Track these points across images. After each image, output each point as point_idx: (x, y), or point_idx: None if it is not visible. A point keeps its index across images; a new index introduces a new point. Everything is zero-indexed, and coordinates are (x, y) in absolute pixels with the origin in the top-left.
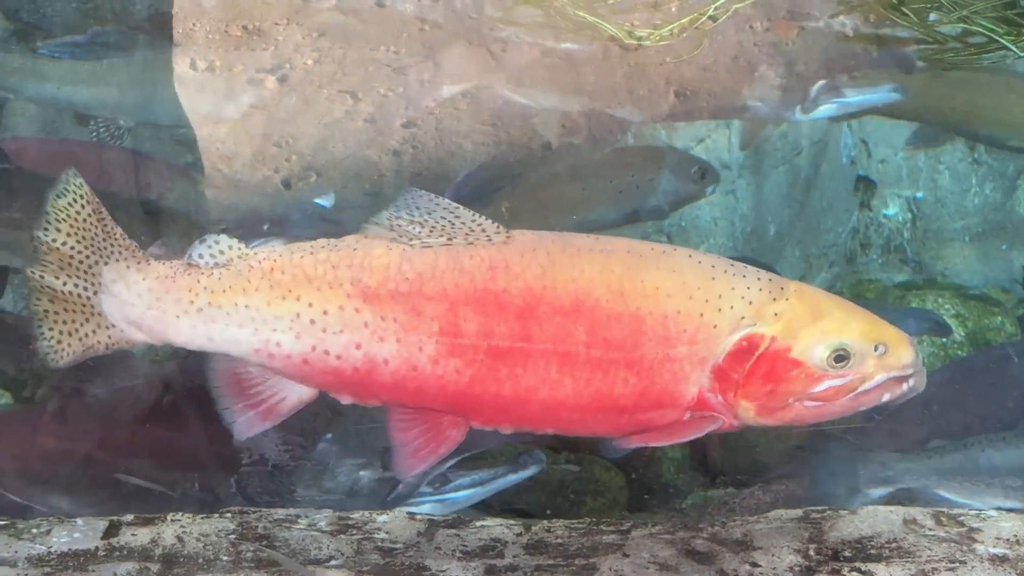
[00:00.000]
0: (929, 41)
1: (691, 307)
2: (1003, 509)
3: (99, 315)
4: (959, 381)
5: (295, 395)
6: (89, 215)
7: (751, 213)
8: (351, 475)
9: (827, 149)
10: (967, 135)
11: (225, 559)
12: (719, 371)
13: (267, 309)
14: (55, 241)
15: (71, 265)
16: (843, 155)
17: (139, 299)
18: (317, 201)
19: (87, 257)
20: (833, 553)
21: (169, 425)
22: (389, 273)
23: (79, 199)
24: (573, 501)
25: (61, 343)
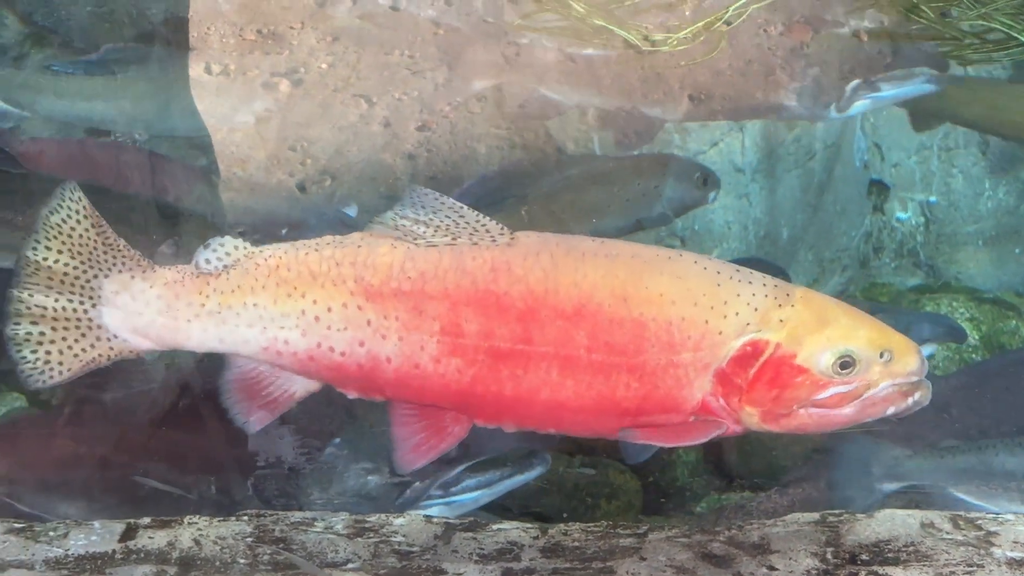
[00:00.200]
0: (947, 37)
1: (696, 313)
2: (1021, 513)
3: (98, 328)
4: (976, 385)
5: (301, 388)
6: (86, 230)
7: (764, 217)
8: (359, 480)
9: (840, 153)
10: None
11: (242, 562)
12: (723, 376)
13: (274, 307)
14: (45, 260)
15: (64, 282)
16: (856, 159)
17: (147, 307)
18: (343, 209)
19: (84, 272)
20: (850, 556)
21: (185, 428)
22: (392, 272)
23: (75, 214)
24: (588, 504)
25: (49, 363)
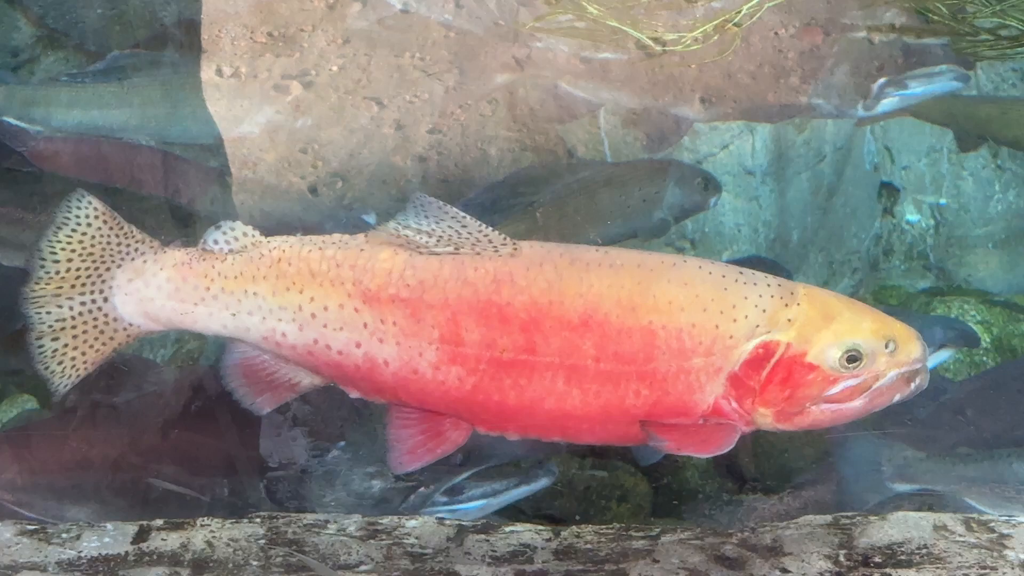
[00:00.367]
0: (962, 33)
1: (705, 319)
2: None
3: (113, 320)
4: (992, 390)
5: (307, 378)
6: (98, 229)
7: (774, 219)
8: (363, 484)
9: (850, 155)
10: None
11: (255, 564)
12: (736, 380)
13: (272, 299)
14: (57, 273)
15: (74, 286)
16: (866, 161)
17: (159, 291)
18: (362, 216)
19: (95, 269)
20: (863, 559)
21: (198, 429)
22: (391, 278)
23: (84, 219)
24: (599, 507)
25: (74, 365)
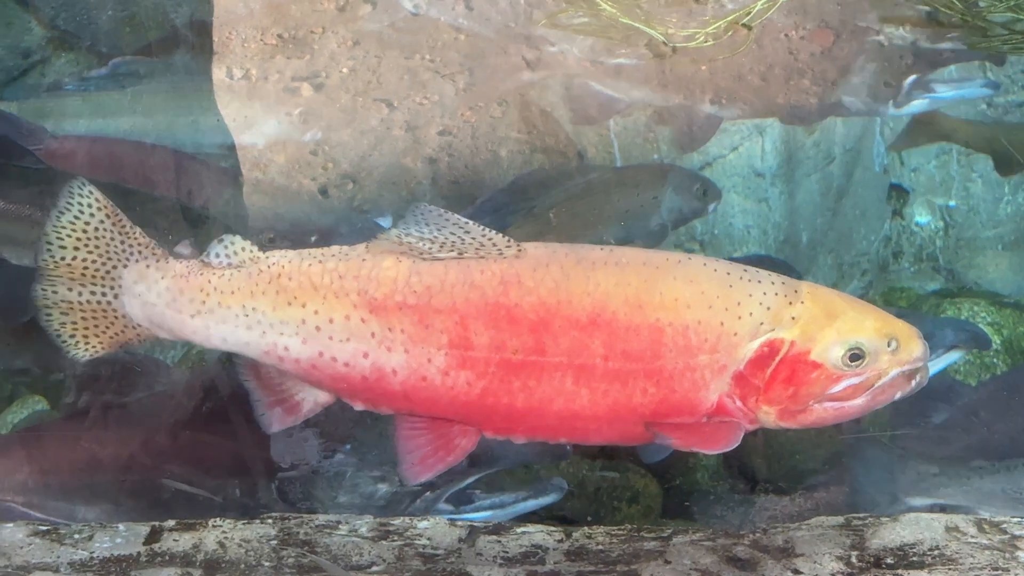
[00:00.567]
0: (977, 27)
1: (711, 316)
2: None
3: (123, 317)
4: (1008, 392)
5: (311, 398)
6: (101, 222)
7: (784, 221)
8: (368, 488)
9: (860, 157)
10: None
11: (267, 565)
12: (740, 378)
13: (272, 313)
14: (63, 259)
15: (84, 276)
16: (876, 163)
17: (159, 298)
18: (377, 220)
19: (104, 263)
20: (875, 560)
21: (210, 430)
22: (397, 286)
23: (87, 208)
24: (610, 508)
25: (87, 339)
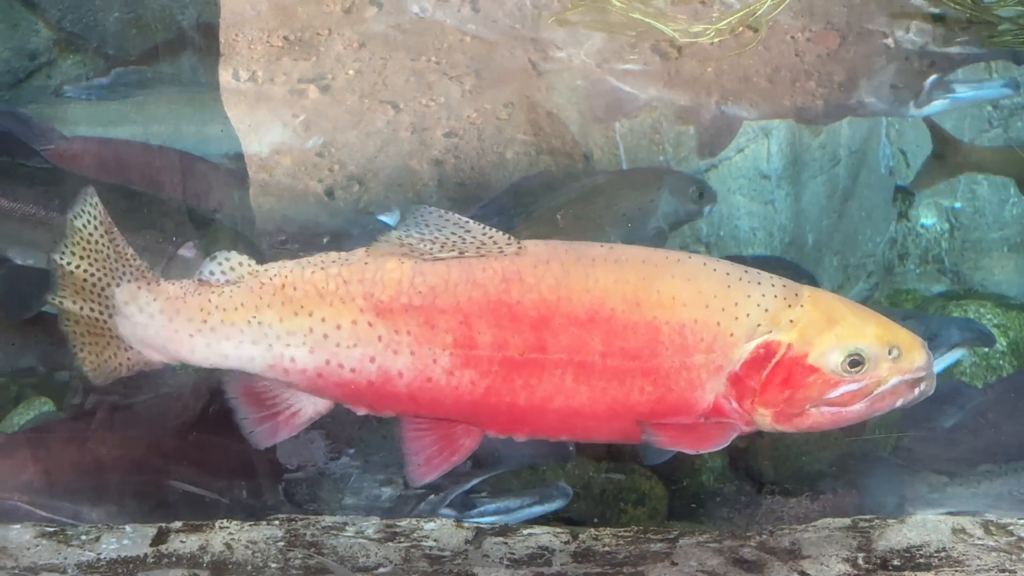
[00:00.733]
0: (985, 22)
1: (708, 316)
2: None
3: (117, 338)
4: (1015, 394)
5: (310, 407)
6: (102, 236)
7: (789, 223)
8: (372, 491)
9: (866, 159)
10: None
11: (274, 566)
12: (736, 379)
13: (280, 325)
14: (69, 264)
15: (85, 288)
16: (882, 165)
17: (151, 320)
18: (380, 218)
19: (100, 279)
20: (882, 562)
21: (216, 431)
22: (402, 287)
23: (93, 219)
24: (616, 510)
25: (96, 362)
